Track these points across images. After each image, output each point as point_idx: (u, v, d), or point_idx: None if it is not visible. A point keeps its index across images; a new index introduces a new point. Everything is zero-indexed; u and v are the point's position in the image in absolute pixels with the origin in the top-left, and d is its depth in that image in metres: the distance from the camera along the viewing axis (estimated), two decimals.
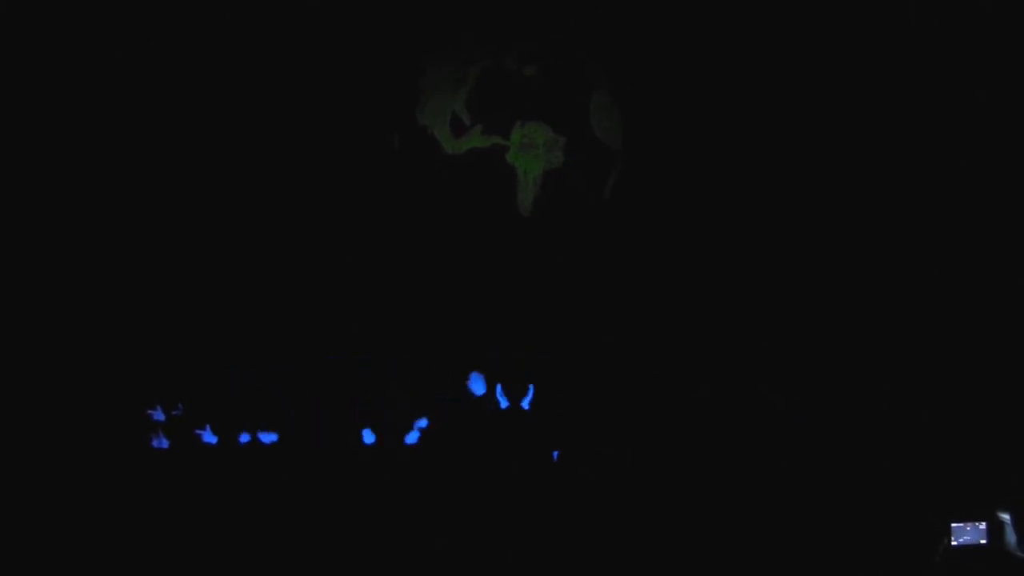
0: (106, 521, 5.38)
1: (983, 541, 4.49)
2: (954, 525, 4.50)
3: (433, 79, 6.41)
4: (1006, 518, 4.46)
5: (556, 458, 5.81)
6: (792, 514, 5.45)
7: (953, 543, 4.48)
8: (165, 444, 5.69)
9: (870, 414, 5.87)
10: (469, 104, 6.44)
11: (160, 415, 5.78)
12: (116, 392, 5.83)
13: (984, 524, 4.50)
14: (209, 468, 5.69)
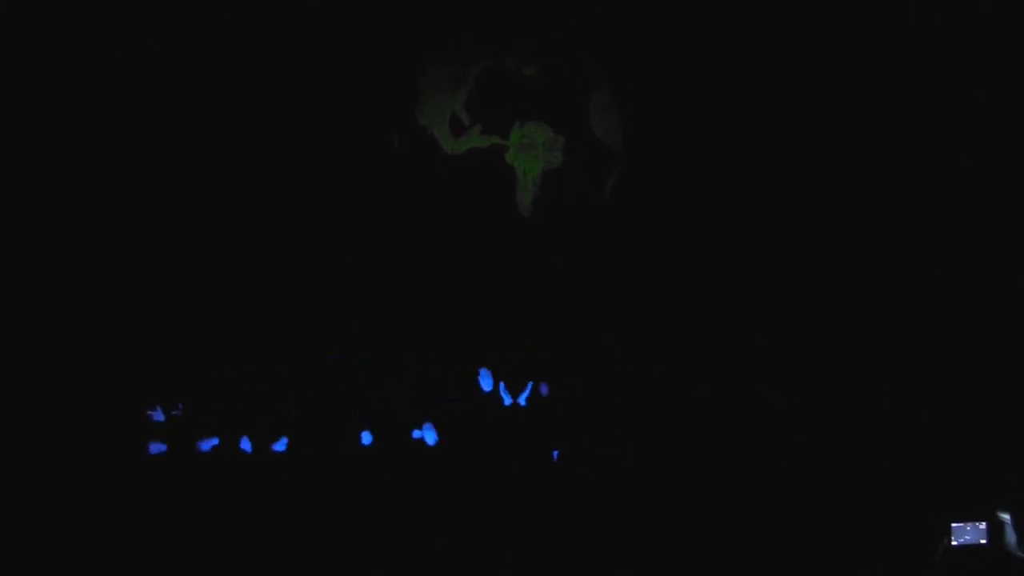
0: (105, 521, 5.38)
1: (983, 541, 4.50)
2: (954, 525, 4.51)
3: (433, 79, 6.41)
4: (1006, 518, 4.47)
5: (556, 458, 5.82)
6: (792, 514, 5.46)
7: (953, 543, 4.49)
8: (163, 449, 5.68)
9: (870, 414, 5.87)
10: (468, 104, 6.44)
11: (160, 415, 5.78)
12: (116, 392, 5.83)
13: (984, 524, 4.50)
14: (209, 468, 5.69)
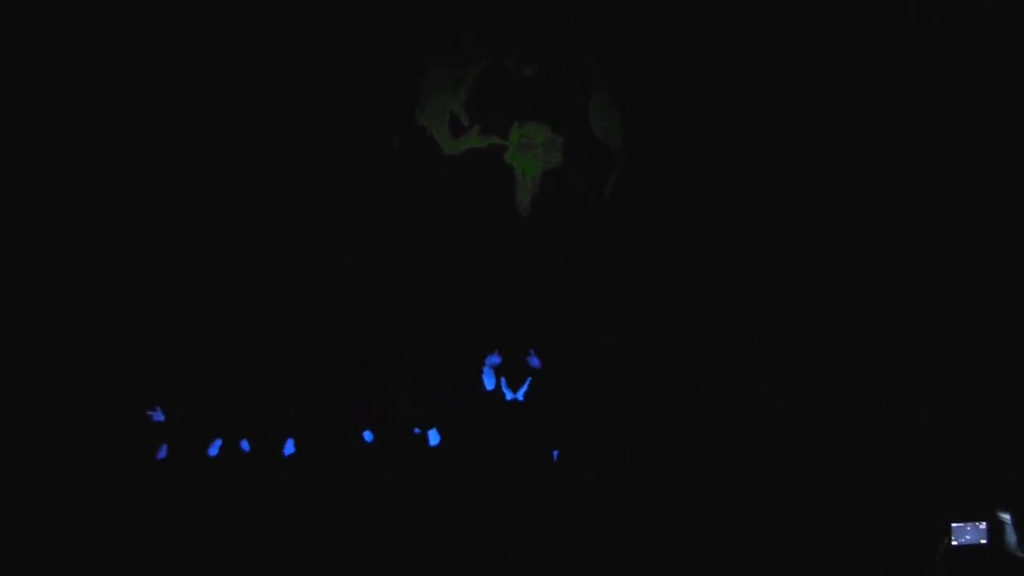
0: (106, 521, 5.38)
1: (983, 541, 4.50)
2: (954, 525, 4.50)
3: (433, 79, 6.41)
4: (1006, 518, 4.47)
5: (556, 458, 5.82)
6: (792, 514, 5.46)
7: (953, 543, 4.49)
8: (163, 453, 5.69)
9: (870, 414, 5.87)
10: (468, 104, 6.44)
11: (160, 415, 5.78)
12: (116, 392, 5.83)
13: (984, 524, 4.50)
14: (208, 468, 5.69)
